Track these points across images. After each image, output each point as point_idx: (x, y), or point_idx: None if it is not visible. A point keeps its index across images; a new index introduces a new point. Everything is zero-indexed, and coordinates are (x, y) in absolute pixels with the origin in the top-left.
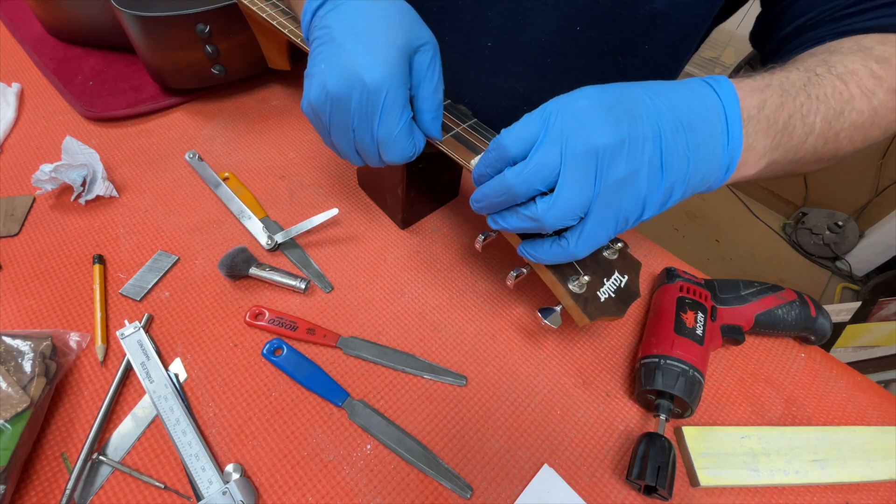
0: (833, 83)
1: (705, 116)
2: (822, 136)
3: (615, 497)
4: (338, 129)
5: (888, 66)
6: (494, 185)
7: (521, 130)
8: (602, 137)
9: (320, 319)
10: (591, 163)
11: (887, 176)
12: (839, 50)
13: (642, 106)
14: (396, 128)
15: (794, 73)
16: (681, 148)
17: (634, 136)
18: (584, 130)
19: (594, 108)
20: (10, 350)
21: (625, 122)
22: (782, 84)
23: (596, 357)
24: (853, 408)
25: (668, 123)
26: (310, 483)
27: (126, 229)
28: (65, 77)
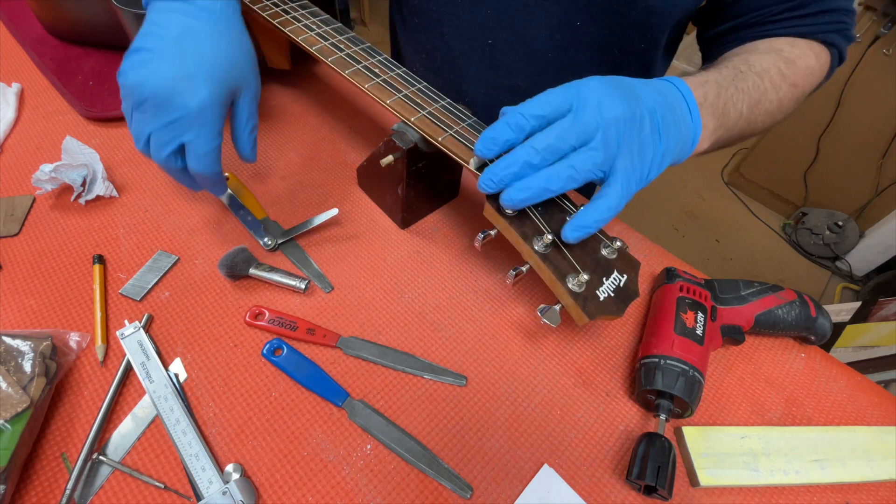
0: (753, 79)
1: (678, 100)
2: (747, 118)
3: (615, 497)
4: (141, 117)
5: (792, 66)
6: (538, 143)
7: (549, 100)
8: (622, 109)
9: (320, 319)
10: (615, 127)
11: (887, 176)
12: (757, 49)
13: (638, 90)
14: (210, 144)
15: (725, 70)
16: (669, 120)
17: (640, 110)
18: (610, 102)
19: (610, 88)
20: (10, 350)
21: (632, 100)
22: (717, 80)
23: (596, 357)
24: (853, 408)
25: (657, 102)
26: (310, 483)
27: (126, 229)
28: (65, 77)
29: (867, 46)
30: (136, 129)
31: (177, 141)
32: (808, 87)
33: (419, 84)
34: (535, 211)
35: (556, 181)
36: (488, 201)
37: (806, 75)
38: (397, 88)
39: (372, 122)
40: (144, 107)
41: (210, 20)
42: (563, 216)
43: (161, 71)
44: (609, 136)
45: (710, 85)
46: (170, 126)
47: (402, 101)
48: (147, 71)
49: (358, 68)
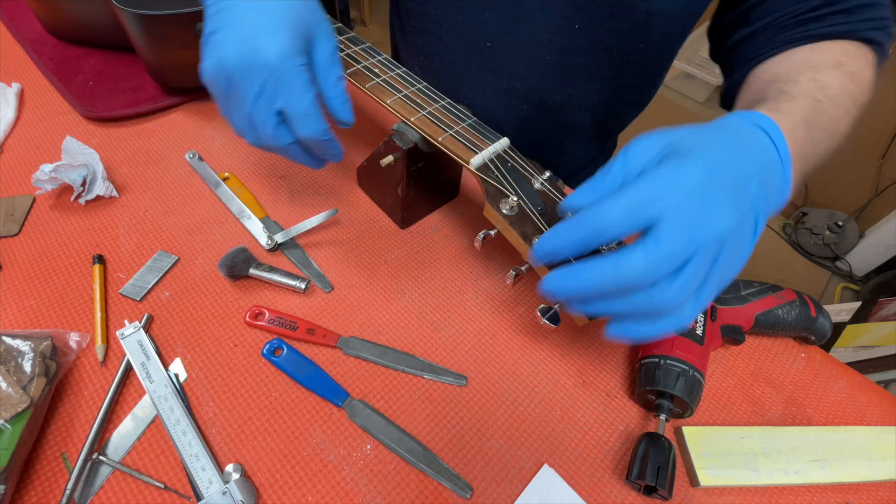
0: (829, 111)
1: (774, 170)
2: (822, 157)
3: (615, 497)
4: (234, 102)
5: (857, 84)
6: (611, 272)
7: (633, 209)
8: (728, 220)
9: (320, 319)
10: (717, 244)
11: (887, 176)
12: (821, 67)
13: (745, 175)
14: (306, 99)
15: (803, 102)
16: (764, 205)
17: (746, 210)
18: (713, 214)
19: (715, 187)
20: (10, 350)
21: (739, 200)
22: (805, 117)
23: (596, 357)
24: (853, 408)
25: (759, 184)
26: (310, 483)
27: (126, 229)
28: (65, 77)
29: None
30: (236, 119)
31: (272, 108)
32: (865, 103)
33: (419, 84)
34: (535, 211)
35: (628, 309)
36: (488, 201)
37: (867, 91)
38: (397, 88)
39: (372, 122)
40: (232, 90)
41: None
42: (563, 216)
43: (229, 41)
44: (706, 257)
45: (800, 126)
46: (261, 96)
47: (402, 101)
48: (218, 51)
49: (358, 68)
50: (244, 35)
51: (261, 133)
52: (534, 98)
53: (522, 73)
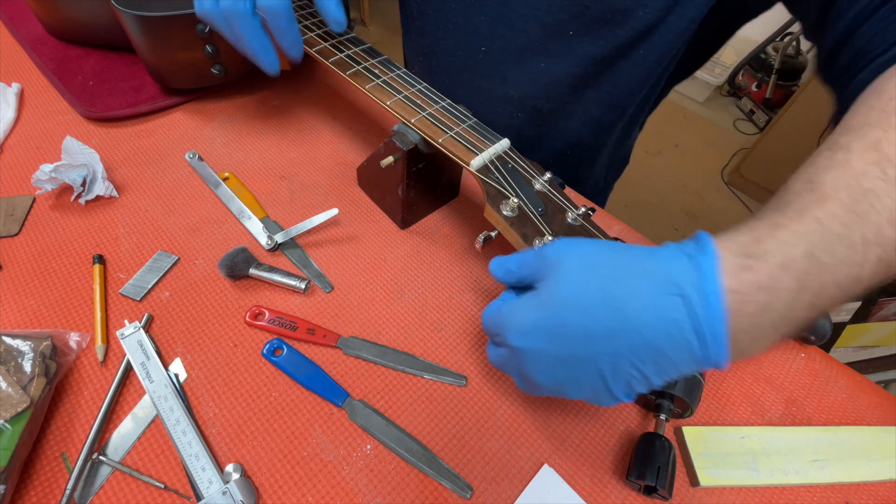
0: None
1: (675, 348)
2: (878, 275)
3: (615, 497)
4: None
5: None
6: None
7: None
8: (543, 345)
9: (320, 319)
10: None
11: None
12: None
13: (580, 336)
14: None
15: (830, 205)
16: (629, 375)
17: (582, 354)
18: (529, 333)
19: (537, 335)
20: (10, 350)
21: (558, 359)
22: (811, 249)
23: None
24: (853, 408)
25: (610, 363)
26: (310, 483)
27: (126, 229)
28: (65, 77)
29: None
30: (208, 10)
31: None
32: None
33: (419, 85)
34: (535, 212)
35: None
36: (488, 202)
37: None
38: (397, 90)
39: (372, 122)
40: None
41: None
42: (563, 216)
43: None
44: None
45: (790, 275)
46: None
47: (402, 102)
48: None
49: (358, 69)
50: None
51: (236, 23)
52: (528, 106)
53: (516, 79)
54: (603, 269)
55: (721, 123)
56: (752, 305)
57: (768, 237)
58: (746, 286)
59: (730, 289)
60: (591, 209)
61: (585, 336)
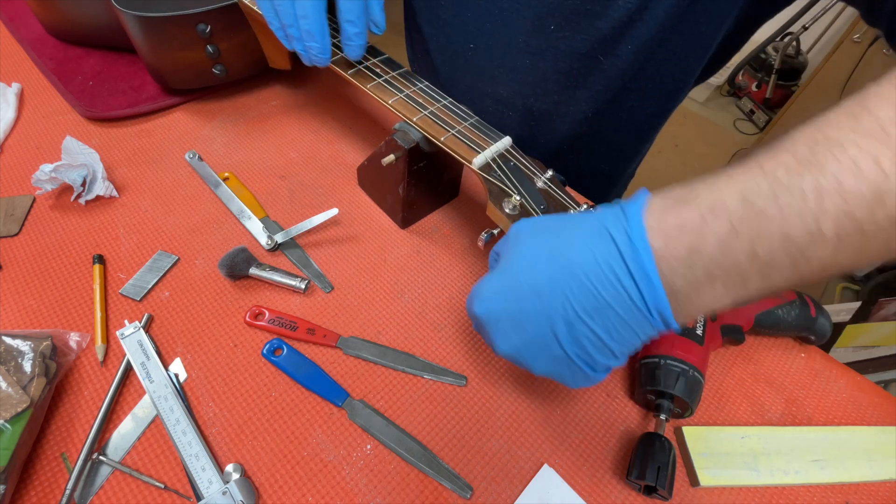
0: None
1: (614, 294)
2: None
3: (615, 497)
4: None
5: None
6: None
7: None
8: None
9: (320, 319)
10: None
11: None
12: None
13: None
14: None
15: (782, 155)
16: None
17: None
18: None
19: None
20: (10, 350)
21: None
22: (745, 194)
23: None
24: (853, 408)
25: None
26: (310, 483)
27: (126, 229)
28: (65, 77)
29: (867, 46)
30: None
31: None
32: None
33: (421, 83)
34: (538, 210)
35: None
36: (491, 200)
37: None
38: (399, 88)
39: (372, 121)
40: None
41: None
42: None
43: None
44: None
45: (717, 218)
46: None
47: (403, 100)
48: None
49: (360, 69)
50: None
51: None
52: (518, 105)
53: (503, 77)
54: (548, 230)
55: (721, 123)
56: (679, 247)
57: (703, 185)
58: (669, 226)
59: (650, 227)
60: (592, 207)
61: (534, 291)
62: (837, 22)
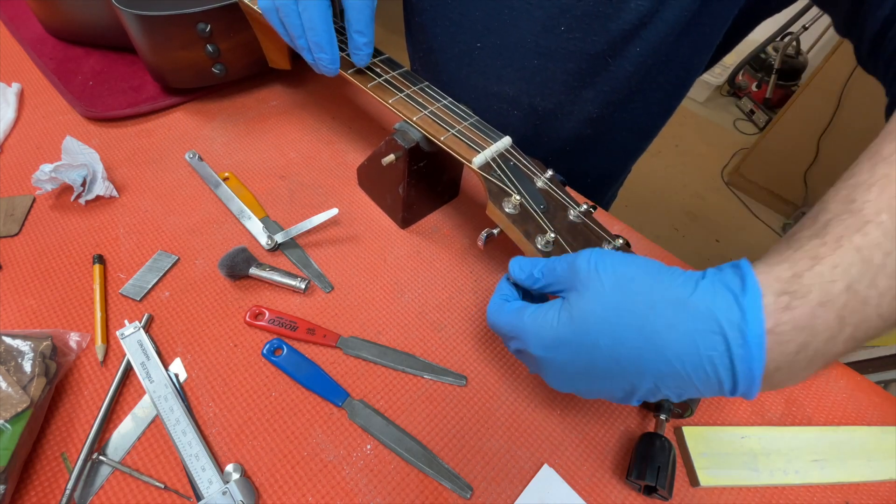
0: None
1: (705, 383)
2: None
3: (615, 497)
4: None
5: None
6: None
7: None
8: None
9: (320, 319)
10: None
11: None
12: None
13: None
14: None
15: (875, 231)
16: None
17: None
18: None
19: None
20: (10, 350)
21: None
22: (850, 282)
23: None
24: (853, 408)
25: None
26: (310, 483)
27: (126, 229)
28: (65, 77)
29: None
30: None
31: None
32: None
33: (421, 83)
34: (537, 209)
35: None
36: (490, 200)
37: None
38: (399, 88)
39: (372, 121)
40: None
41: None
42: (565, 214)
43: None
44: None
45: (830, 309)
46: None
47: (403, 100)
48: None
49: (359, 68)
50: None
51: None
52: (524, 104)
53: (510, 77)
54: (640, 295)
55: (721, 123)
56: (791, 345)
57: (807, 272)
58: (786, 326)
59: (770, 329)
60: (592, 206)
61: (614, 358)
62: None
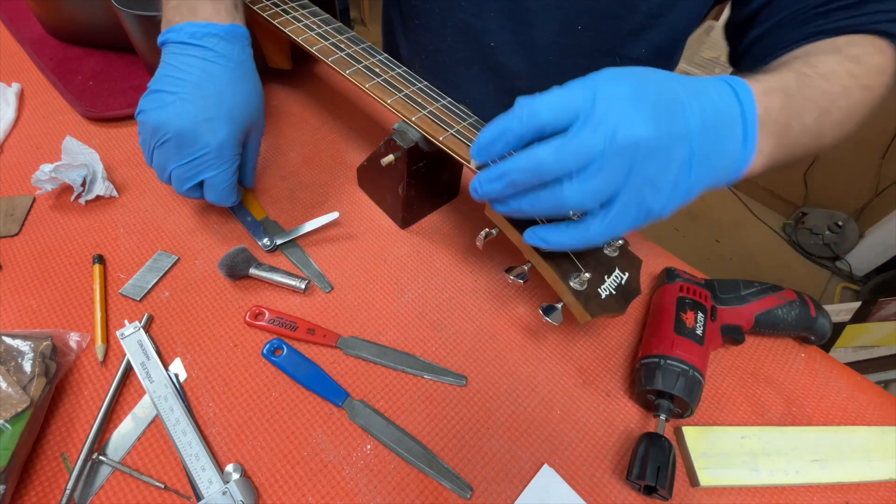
0: (820, 84)
1: (730, 121)
2: (813, 134)
3: (615, 497)
4: (163, 155)
5: (860, 65)
6: (523, 162)
7: (562, 101)
8: (645, 132)
9: (320, 319)
10: (630, 154)
11: (887, 176)
12: (816, 52)
13: (680, 104)
14: (230, 179)
15: (787, 73)
16: (707, 149)
17: (672, 135)
18: (629, 121)
19: (639, 100)
20: (10, 350)
21: (665, 120)
22: (783, 87)
23: (596, 357)
24: (853, 408)
25: (699, 124)
26: (310, 483)
27: (126, 229)
28: (65, 77)
29: None
30: (157, 164)
31: (198, 177)
32: (880, 88)
33: (420, 83)
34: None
35: (537, 208)
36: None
37: (876, 73)
38: (398, 88)
39: (372, 121)
40: (166, 146)
41: (228, 66)
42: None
43: (184, 113)
44: (617, 165)
45: (777, 93)
46: (191, 163)
47: (402, 100)
48: (169, 112)
49: (358, 68)
50: (199, 115)
51: (175, 185)
52: None
53: (524, 73)
54: (660, 73)
55: None
56: (760, 104)
57: (754, 77)
58: (758, 90)
59: (754, 89)
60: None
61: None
62: None
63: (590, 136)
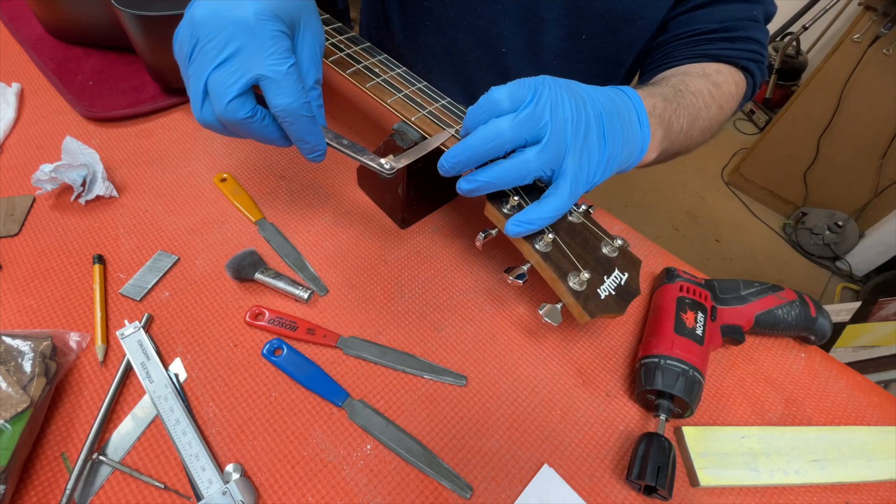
0: (689, 97)
1: (627, 107)
2: (685, 133)
3: (615, 497)
4: (196, 70)
5: (720, 90)
6: (484, 133)
7: (514, 91)
8: (570, 111)
9: (320, 319)
10: (564, 127)
11: (887, 176)
12: (689, 73)
13: (587, 95)
14: (284, 63)
15: (666, 87)
16: (615, 126)
17: (587, 113)
18: (561, 103)
19: (561, 90)
20: (10, 350)
21: (580, 104)
22: (663, 94)
23: (596, 357)
24: (853, 408)
25: (605, 108)
26: (310, 483)
27: (126, 229)
28: (65, 77)
29: (867, 46)
30: (194, 81)
31: (242, 77)
32: (729, 110)
33: (419, 83)
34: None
35: (503, 176)
36: (489, 201)
37: (728, 99)
38: (397, 88)
39: (372, 121)
40: (196, 51)
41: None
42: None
43: (206, 3)
44: (556, 136)
45: (658, 97)
46: (228, 61)
47: (402, 100)
48: (191, 11)
49: (358, 68)
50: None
51: (216, 102)
52: None
53: (529, 76)
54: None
55: None
56: (646, 103)
57: (640, 87)
58: (643, 94)
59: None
60: (590, 206)
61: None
62: (837, 22)
63: (539, 110)
